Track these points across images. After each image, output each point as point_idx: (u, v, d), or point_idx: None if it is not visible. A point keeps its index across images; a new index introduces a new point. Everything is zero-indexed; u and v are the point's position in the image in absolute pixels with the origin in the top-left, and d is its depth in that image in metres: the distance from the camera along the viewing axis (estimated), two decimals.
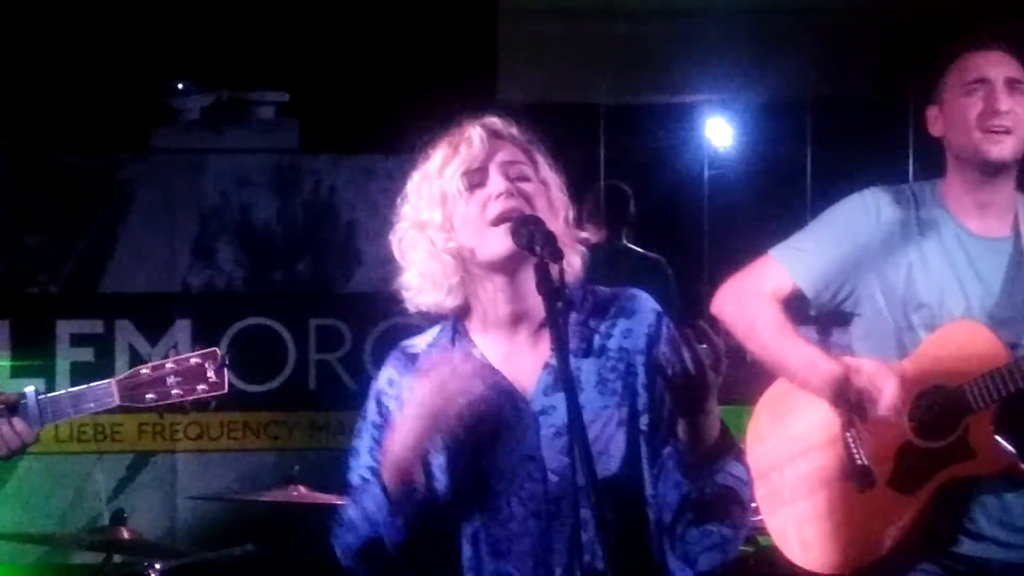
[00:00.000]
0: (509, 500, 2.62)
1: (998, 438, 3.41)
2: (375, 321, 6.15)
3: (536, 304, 2.66)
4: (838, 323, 3.72)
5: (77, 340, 6.15)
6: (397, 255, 2.74)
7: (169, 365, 3.52)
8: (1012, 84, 3.52)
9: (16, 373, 6.05)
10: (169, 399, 3.50)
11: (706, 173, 8.61)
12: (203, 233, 6.26)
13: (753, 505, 3.74)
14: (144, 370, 3.51)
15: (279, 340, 6.30)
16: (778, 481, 3.64)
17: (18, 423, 3.47)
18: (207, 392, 3.51)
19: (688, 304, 7.03)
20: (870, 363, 3.48)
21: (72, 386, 3.58)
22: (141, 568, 4.88)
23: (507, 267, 2.64)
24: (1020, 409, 3.43)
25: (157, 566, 4.84)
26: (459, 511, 2.66)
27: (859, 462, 3.49)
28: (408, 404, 2.58)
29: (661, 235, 7.32)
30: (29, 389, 3.51)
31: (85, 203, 6.17)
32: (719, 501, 2.61)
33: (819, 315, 3.72)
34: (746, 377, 3.71)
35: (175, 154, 6.27)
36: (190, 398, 3.51)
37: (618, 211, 6.73)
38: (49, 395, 3.52)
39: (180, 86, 6.20)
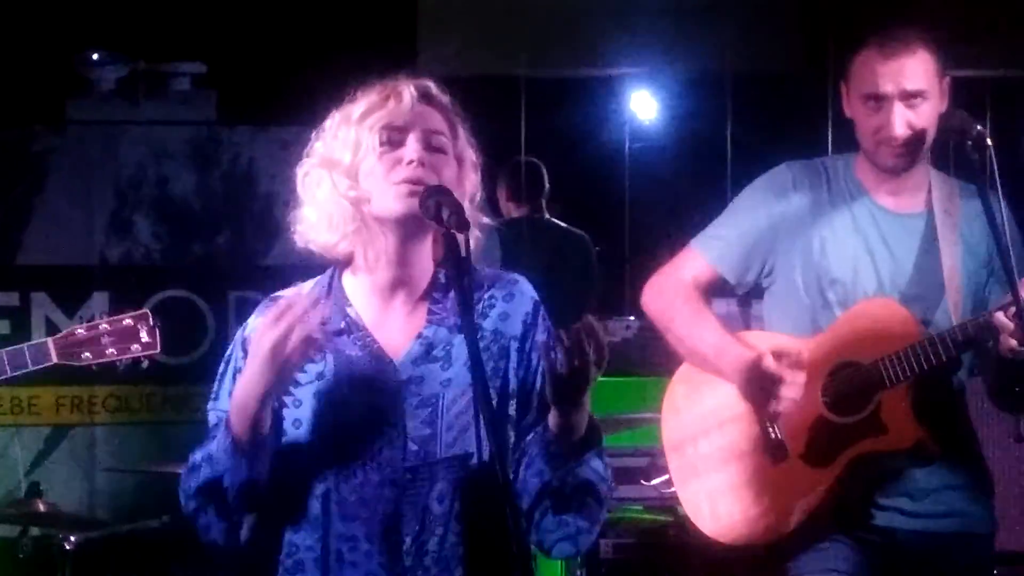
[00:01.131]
0: (366, 464, 2.60)
1: (909, 414, 3.45)
2: None
3: (419, 275, 2.68)
4: (758, 296, 3.74)
5: None
6: (299, 189, 2.72)
7: (103, 326, 3.59)
8: (910, 97, 3.46)
9: None
10: (104, 357, 3.58)
11: (628, 147, 8.62)
12: (120, 205, 6.20)
13: (667, 477, 3.81)
14: (79, 330, 3.57)
15: (198, 312, 6.26)
16: (692, 453, 3.66)
17: None
18: (140, 352, 3.59)
19: (609, 277, 7.07)
20: (783, 340, 3.48)
21: None
22: (57, 540, 4.85)
23: (399, 229, 2.64)
24: (932, 385, 3.47)
25: (72, 538, 4.82)
26: (311, 468, 2.63)
27: (773, 436, 3.52)
28: (257, 345, 2.54)
29: (583, 209, 7.32)
30: None
31: None
32: (578, 493, 2.62)
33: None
34: (666, 348, 3.74)
35: (91, 126, 6.21)
36: (125, 357, 3.58)
37: (534, 186, 6.74)
38: None
39: (95, 56, 6.13)
